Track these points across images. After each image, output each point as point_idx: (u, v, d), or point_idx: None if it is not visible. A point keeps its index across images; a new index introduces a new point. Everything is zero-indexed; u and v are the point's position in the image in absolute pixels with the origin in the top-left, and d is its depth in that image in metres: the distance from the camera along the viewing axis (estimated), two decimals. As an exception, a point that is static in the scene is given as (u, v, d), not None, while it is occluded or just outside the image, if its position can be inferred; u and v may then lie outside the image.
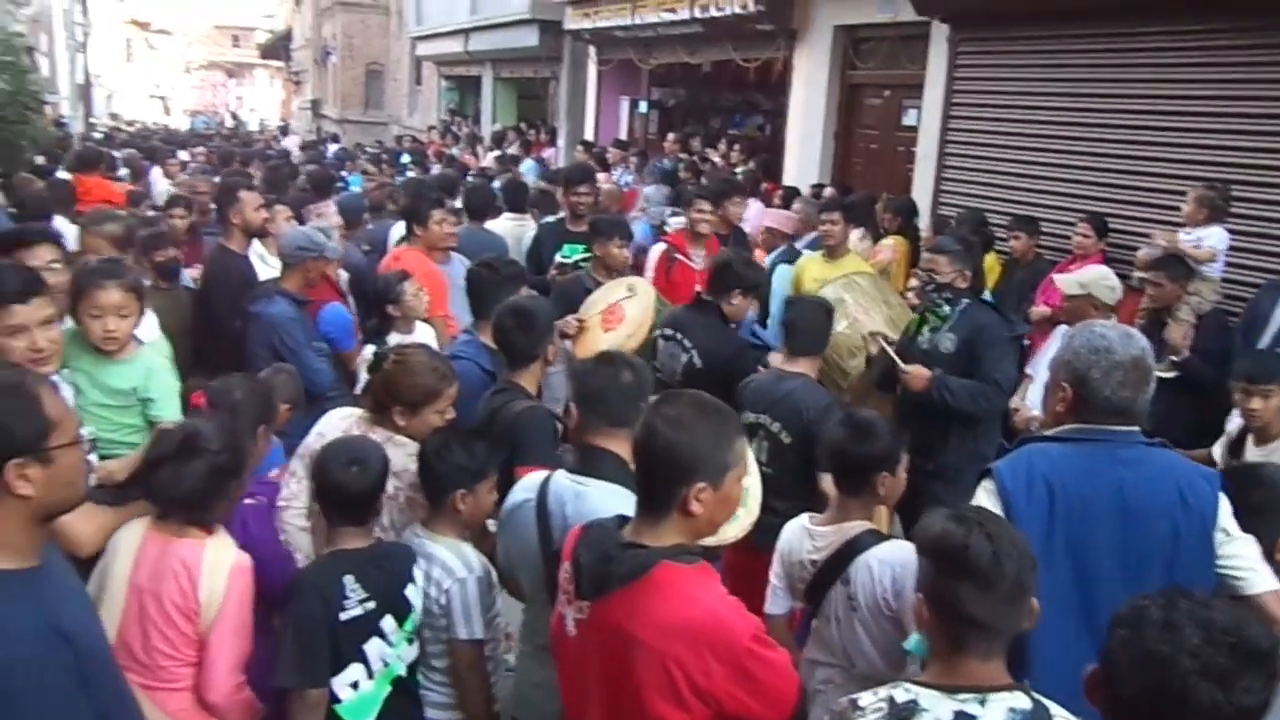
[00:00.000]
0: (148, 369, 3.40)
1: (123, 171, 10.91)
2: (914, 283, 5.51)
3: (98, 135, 21.69)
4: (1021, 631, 1.90)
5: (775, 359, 4.16)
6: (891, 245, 7.26)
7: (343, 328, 4.83)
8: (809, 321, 3.95)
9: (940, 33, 8.36)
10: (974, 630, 1.82)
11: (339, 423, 3.21)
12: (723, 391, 2.81)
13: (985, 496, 2.44)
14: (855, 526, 2.78)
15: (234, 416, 3.06)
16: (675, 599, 1.90)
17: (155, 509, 2.59)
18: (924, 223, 7.88)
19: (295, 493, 3.17)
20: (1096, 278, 4.87)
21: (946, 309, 4.44)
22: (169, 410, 3.36)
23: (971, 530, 1.84)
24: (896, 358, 4.34)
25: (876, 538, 2.74)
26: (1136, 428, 2.45)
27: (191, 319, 5.06)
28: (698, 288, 4.84)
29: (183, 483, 2.51)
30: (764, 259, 6.66)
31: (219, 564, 2.54)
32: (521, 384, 3.47)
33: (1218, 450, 4.26)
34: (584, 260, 5.87)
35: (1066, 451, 2.45)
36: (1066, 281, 4.97)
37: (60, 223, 6.50)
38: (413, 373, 3.12)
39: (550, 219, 6.88)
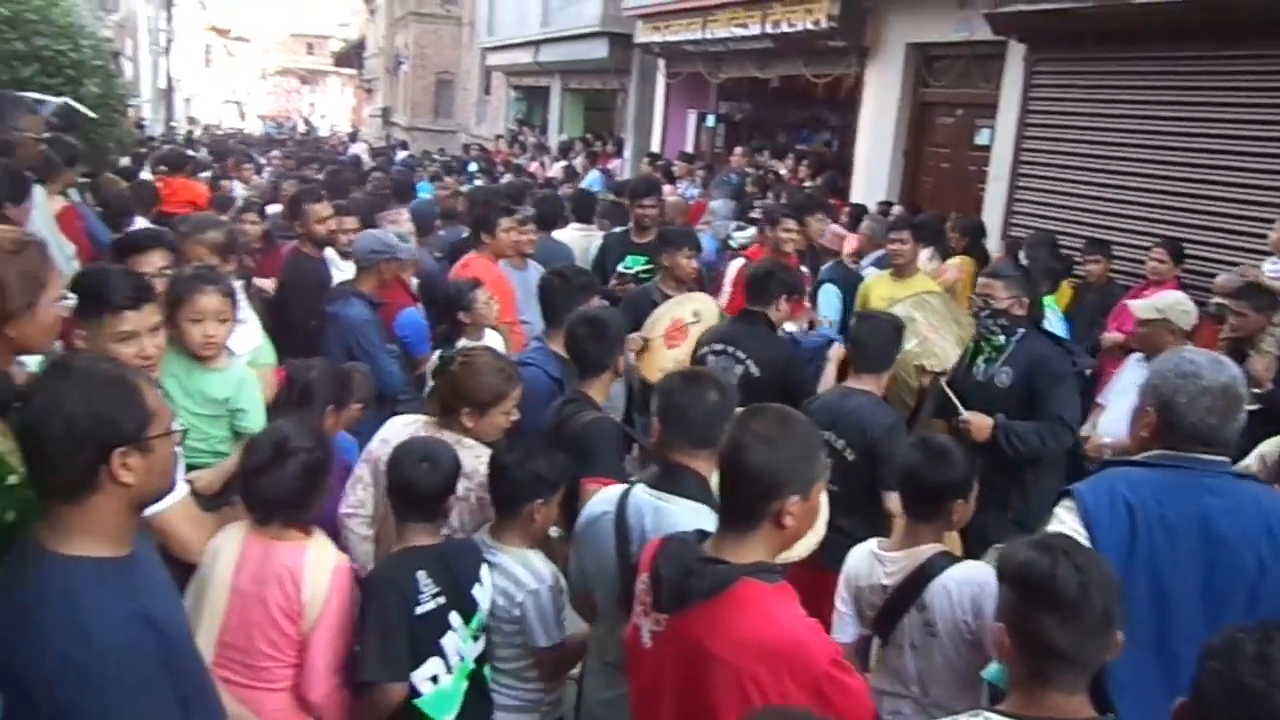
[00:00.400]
0: (240, 379, 3.33)
1: (203, 174, 11.21)
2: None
3: (178, 138, 22.29)
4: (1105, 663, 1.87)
5: (830, 372, 4.15)
6: (958, 265, 7.17)
7: (418, 332, 4.91)
8: (877, 338, 3.92)
9: (1016, 52, 8.26)
10: (1058, 662, 1.78)
11: (403, 428, 3.24)
12: (781, 399, 2.80)
13: (1067, 516, 2.39)
14: (927, 550, 2.73)
15: (311, 406, 3.27)
16: (755, 617, 1.90)
17: (254, 515, 2.64)
18: (993, 244, 7.78)
19: (362, 500, 3.21)
20: (1173, 303, 4.76)
21: (1001, 338, 4.20)
22: (257, 422, 3.30)
23: (1058, 559, 1.80)
24: (956, 401, 4.11)
25: (949, 560, 2.70)
26: (1225, 457, 2.39)
27: (270, 321, 5.18)
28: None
29: (281, 486, 2.55)
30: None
31: (321, 566, 2.59)
32: (590, 394, 3.48)
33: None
34: (644, 272, 5.90)
35: (1150, 476, 2.39)
36: (1142, 306, 4.85)
37: (141, 224, 6.71)
38: (480, 373, 3.16)
39: (617, 230, 6.93)
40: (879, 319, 4.11)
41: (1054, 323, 5.72)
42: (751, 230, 8.06)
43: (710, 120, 14.78)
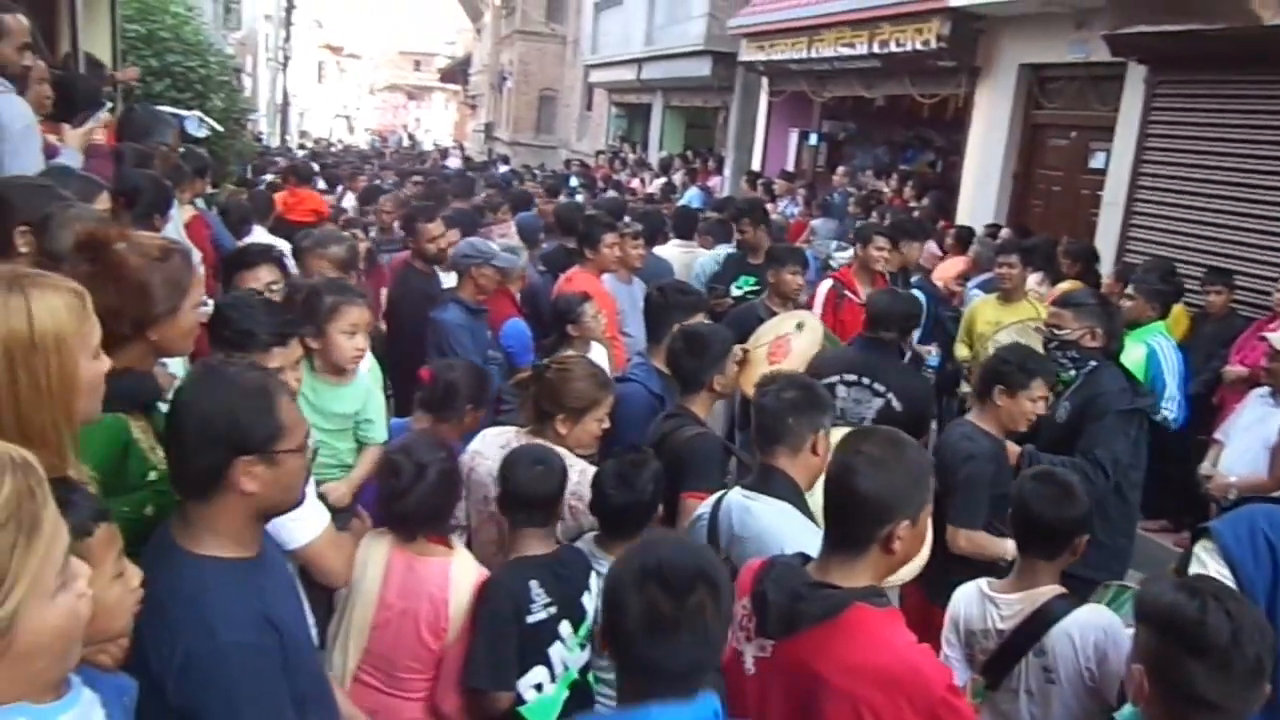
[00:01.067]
0: (366, 391, 3.34)
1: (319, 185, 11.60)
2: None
3: (298, 150, 23.11)
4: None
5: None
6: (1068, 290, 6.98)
7: (523, 342, 4.99)
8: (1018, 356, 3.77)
9: (1136, 74, 8.01)
10: (1203, 711, 1.73)
11: (495, 439, 3.29)
12: (913, 432, 2.76)
13: (1208, 557, 2.29)
14: (1045, 592, 2.63)
15: (455, 405, 3.38)
16: (869, 642, 1.88)
17: (398, 533, 2.70)
18: (1106, 270, 7.53)
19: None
20: None
21: (1071, 371, 3.94)
22: (382, 432, 3.35)
23: (1208, 605, 1.74)
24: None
25: (1070, 603, 2.60)
26: None
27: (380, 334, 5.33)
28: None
29: (421, 501, 2.62)
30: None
31: (464, 580, 2.66)
32: (693, 409, 3.48)
33: None
34: (752, 292, 5.89)
35: None
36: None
37: (259, 233, 6.99)
38: (574, 379, 3.20)
39: (726, 248, 6.93)
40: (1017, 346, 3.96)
41: (1167, 352, 5.50)
42: (851, 251, 7.98)
43: (812, 139, 14.68)
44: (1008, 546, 3.15)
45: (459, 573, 2.65)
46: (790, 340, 4.70)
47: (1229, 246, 7.15)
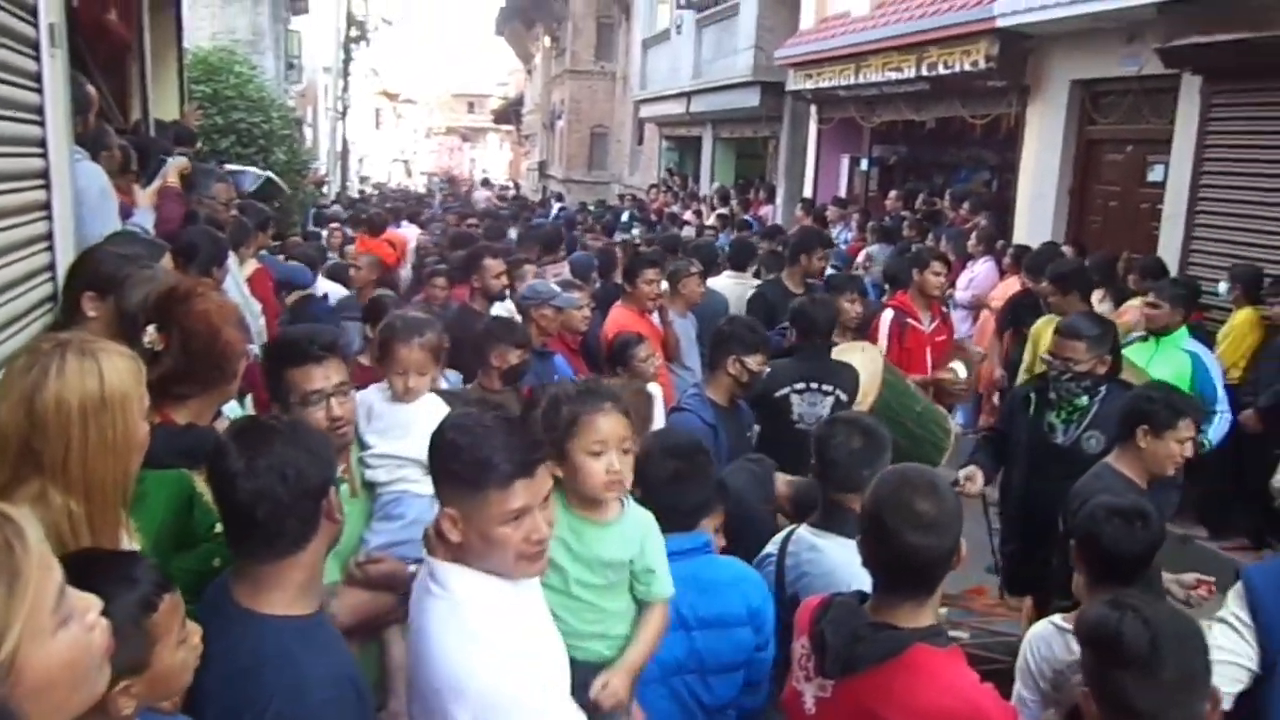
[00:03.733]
0: (644, 527, 2.42)
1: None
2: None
3: (367, 197, 23.65)
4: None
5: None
6: (1138, 306, 6.86)
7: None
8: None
9: (1191, 85, 7.89)
10: None
11: None
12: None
13: (1233, 598, 2.32)
14: None
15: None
16: (932, 683, 1.88)
17: None
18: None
19: None
20: None
21: (1084, 399, 3.99)
22: (668, 586, 2.40)
23: (1125, 616, 1.76)
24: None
25: None
26: None
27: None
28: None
29: None
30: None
31: None
32: None
33: None
34: None
35: None
36: None
37: (322, 281, 7.19)
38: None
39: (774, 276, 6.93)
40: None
41: (1207, 361, 5.37)
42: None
43: (864, 164, 14.65)
44: None
45: None
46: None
47: (1295, 255, 6.98)
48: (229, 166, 8.29)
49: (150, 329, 2.41)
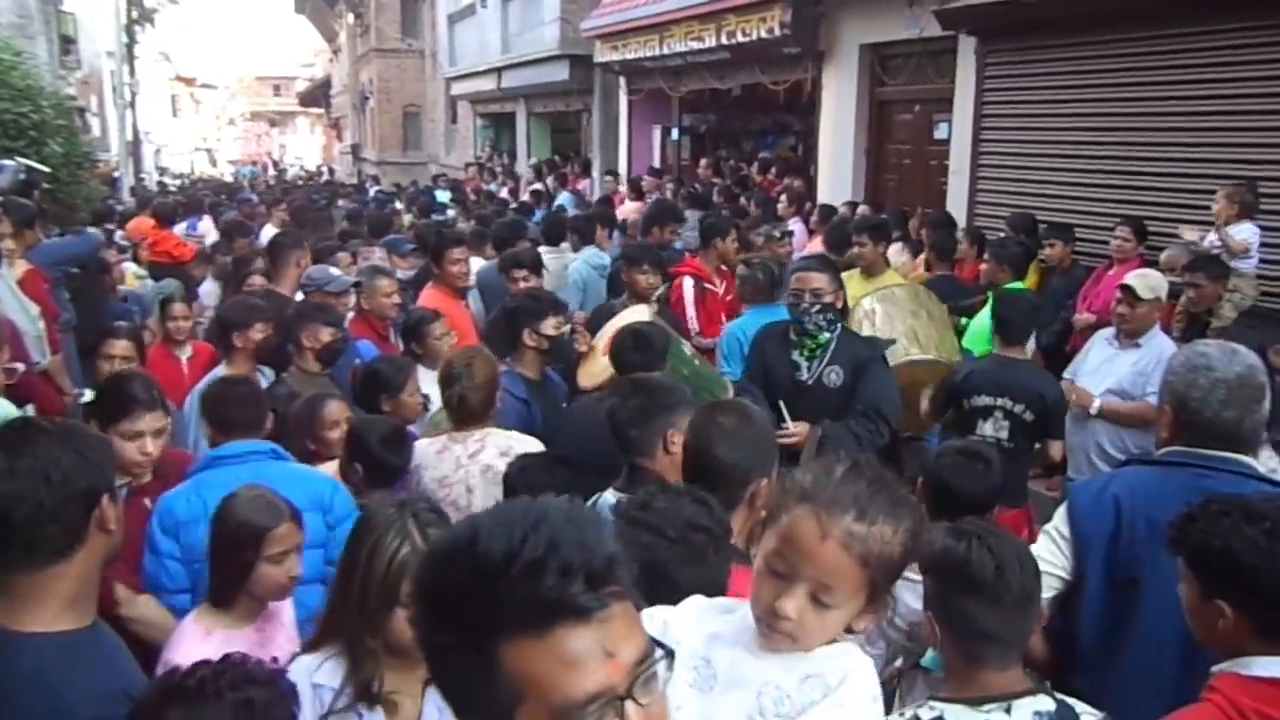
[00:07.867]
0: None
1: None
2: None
3: (152, 189, 22.27)
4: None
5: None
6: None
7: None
8: (1019, 313, 4.45)
9: (968, 46, 8.37)
10: (987, 644, 1.84)
11: (428, 448, 3.45)
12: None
13: (1058, 512, 2.44)
14: None
15: None
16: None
17: None
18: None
19: None
20: (1159, 281, 4.69)
21: (826, 334, 3.98)
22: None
23: (972, 544, 1.86)
24: (785, 411, 3.83)
25: None
26: (1244, 456, 2.28)
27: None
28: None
29: None
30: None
31: None
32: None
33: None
34: None
35: (1148, 475, 2.38)
36: (1141, 288, 4.56)
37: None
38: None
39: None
40: (1019, 297, 4.79)
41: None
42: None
43: (675, 134, 14.87)
44: None
45: None
46: None
47: (1067, 202, 7.54)
48: (-2, 161, 7.60)
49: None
